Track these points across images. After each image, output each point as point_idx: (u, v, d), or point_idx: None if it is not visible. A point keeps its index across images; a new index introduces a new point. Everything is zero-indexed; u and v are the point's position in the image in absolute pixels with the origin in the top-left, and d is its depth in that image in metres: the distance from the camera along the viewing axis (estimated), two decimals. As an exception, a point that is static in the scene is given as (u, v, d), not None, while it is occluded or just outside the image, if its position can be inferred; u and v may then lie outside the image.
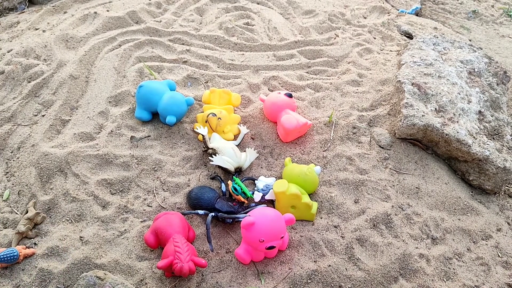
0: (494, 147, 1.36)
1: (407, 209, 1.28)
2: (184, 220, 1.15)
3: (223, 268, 1.11)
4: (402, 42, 1.91)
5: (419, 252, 1.19)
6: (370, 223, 1.22)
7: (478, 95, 1.46)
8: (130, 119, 1.45)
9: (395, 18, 2.07)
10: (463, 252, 1.23)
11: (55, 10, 2.04)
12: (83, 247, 1.13)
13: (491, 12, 2.15)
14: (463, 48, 1.61)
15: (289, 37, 1.93)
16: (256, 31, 1.97)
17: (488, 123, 1.42)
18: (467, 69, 1.53)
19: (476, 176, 1.38)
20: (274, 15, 2.09)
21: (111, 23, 1.87)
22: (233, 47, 1.86)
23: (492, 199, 1.40)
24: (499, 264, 1.23)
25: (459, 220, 1.30)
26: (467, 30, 2.00)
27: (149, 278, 1.08)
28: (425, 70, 1.51)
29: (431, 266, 1.17)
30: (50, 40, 1.74)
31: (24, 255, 1.10)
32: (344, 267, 1.13)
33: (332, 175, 1.34)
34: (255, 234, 1.05)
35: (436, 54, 1.58)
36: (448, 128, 1.34)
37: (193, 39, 1.86)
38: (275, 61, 1.80)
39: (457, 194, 1.35)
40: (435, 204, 1.32)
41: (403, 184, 1.34)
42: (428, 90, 1.43)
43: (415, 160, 1.40)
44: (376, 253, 1.17)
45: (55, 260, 1.11)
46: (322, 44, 1.91)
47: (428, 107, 1.40)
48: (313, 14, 2.12)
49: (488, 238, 1.28)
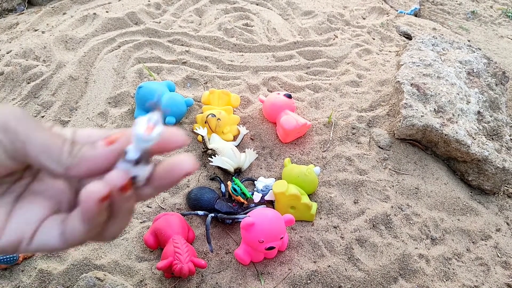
0: (493, 148, 1.36)
1: (407, 210, 1.28)
2: (183, 220, 1.15)
3: (223, 268, 1.11)
4: (401, 42, 1.91)
5: (419, 252, 1.19)
6: (369, 223, 1.22)
7: (477, 96, 1.46)
8: (130, 120, 1.45)
9: (394, 19, 2.07)
10: (463, 252, 1.23)
11: (54, 11, 2.03)
12: (83, 248, 1.12)
13: (490, 12, 2.15)
14: (462, 48, 1.61)
15: (288, 38, 1.93)
16: (255, 32, 1.96)
17: (487, 124, 1.42)
18: (466, 69, 1.53)
19: (475, 176, 1.38)
20: (273, 16, 2.09)
21: (110, 24, 1.87)
22: (232, 48, 1.86)
23: (491, 199, 1.40)
24: (498, 264, 1.23)
25: (459, 220, 1.30)
26: (466, 30, 2.00)
27: (149, 279, 1.07)
28: (424, 71, 1.51)
29: (431, 267, 1.17)
30: (50, 41, 1.73)
31: (24, 256, 1.09)
32: (344, 267, 1.12)
33: (332, 176, 1.34)
34: (254, 235, 1.04)
35: (435, 55, 1.57)
36: (447, 129, 1.34)
37: (192, 40, 1.86)
38: (274, 62, 1.80)
39: (457, 195, 1.35)
40: (435, 204, 1.32)
41: (403, 185, 1.34)
42: (427, 91, 1.43)
43: (414, 161, 1.40)
44: (376, 254, 1.17)
45: (54, 261, 1.10)
46: (321, 45, 1.91)
47: (427, 108, 1.40)
48: (312, 15, 2.12)
49: (487, 238, 1.28)
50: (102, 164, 0.35)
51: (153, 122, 0.34)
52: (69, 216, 0.36)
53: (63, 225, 0.36)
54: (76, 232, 0.35)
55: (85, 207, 0.33)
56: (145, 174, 0.36)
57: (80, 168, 0.35)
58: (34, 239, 0.36)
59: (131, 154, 0.35)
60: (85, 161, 0.35)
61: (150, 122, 0.34)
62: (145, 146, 0.34)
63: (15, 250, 0.37)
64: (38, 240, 0.36)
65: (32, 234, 0.36)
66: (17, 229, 0.36)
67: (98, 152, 0.35)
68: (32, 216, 0.37)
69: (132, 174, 0.35)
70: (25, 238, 0.36)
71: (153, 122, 0.34)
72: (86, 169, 0.35)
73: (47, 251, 0.37)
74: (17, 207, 0.38)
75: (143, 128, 0.34)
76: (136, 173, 0.36)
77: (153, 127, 0.34)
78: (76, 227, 0.35)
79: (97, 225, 0.35)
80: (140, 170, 0.36)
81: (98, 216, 0.34)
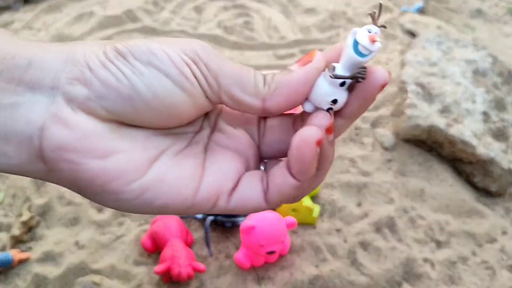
0: (499, 149, 1.35)
1: (411, 212, 1.26)
2: (182, 224, 1.13)
3: (223, 273, 1.10)
4: (405, 41, 1.89)
5: (424, 256, 1.17)
6: (373, 226, 1.21)
7: (483, 95, 1.45)
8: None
9: (397, 17, 2.06)
10: (468, 255, 1.21)
11: (51, 9, 2.02)
12: (79, 252, 1.11)
13: (495, 11, 2.14)
14: (467, 47, 1.60)
15: (289, 36, 1.92)
16: (256, 29, 1.95)
17: (493, 124, 1.40)
18: (471, 68, 1.52)
19: (481, 178, 1.37)
20: (274, 14, 2.08)
21: (107, 22, 1.86)
22: (232, 46, 1.85)
23: (497, 201, 1.38)
24: (504, 267, 1.21)
25: (464, 223, 1.29)
26: (471, 29, 1.99)
27: (146, 284, 1.06)
28: (428, 70, 1.49)
29: (436, 270, 1.15)
30: (46, 40, 1.73)
31: (19, 259, 1.08)
32: (347, 271, 1.11)
33: (334, 178, 1.32)
34: (255, 239, 1.03)
35: (440, 54, 1.56)
36: (453, 129, 1.33)
37: (191, 38, 1.85)
38: (275, 60, 1.79)
39: (462, 197, 1.34)
40: (440, 207, 1.31)
41: (407, 187, 1.32)
42: (432, 90, 1.42)
43: (419, 162, 1.39)
44: (380, 257, 1.15)
45: (50, 264, 1.09)
46: (324, 43, 1.90)
47: (432, 108, 1.38)
48: (314, 13, 2.11)
49: (493, 241, 1.26)
50: (302, 89, 0.31)
51: (375, 32, 0.30)
52: (272, 171, 0.33)
53: (263, 182, 0.33)
54: (287, 188, 0.31)
55: (301, 155, 0.29)
56: (343, 100, 0.31)
57: (279, 97, 0.31)
58: (233, 194, 0.33)
59: (339, 70, 0.30)
60: (282, 88, 0.31)
61: (371, 32, 0.30)
62: (360, 61, 0.29)
63: (211, 207, 0.33)
64: (239, 195, 0.33)
65: (232, 188, 0.33)
66: (215, 182, 0.33)
67: (295, 75, 0.31)
68: (230, 168, 0.34)
69: (332, 98, 0.31)
70: (224, 192, 0.33)
71: (374, 31, 0.30)
72: (285, 97, 0.31)
73: (247, 210, 0.33)
74: (208, 159, 0.34)
75: (366, 35, 0.29)
76: (337, 97, 0.31)
77: (375, 37, 0.29)
78: (286, 181, 0.31)
79: (310, 177, 0.31)
80: (340, 94, 0.31)
81: (313, 166, 0.30)
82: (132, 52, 0.30)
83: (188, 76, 0.30)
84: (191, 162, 0.33)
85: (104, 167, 0.29)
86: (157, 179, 0.31)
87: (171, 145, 0.33)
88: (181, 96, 0.30)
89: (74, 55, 0.30)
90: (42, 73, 0.29)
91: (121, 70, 0.29)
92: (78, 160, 0.28)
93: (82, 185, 0.30)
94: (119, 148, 0.30)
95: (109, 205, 0.31)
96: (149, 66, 0.30)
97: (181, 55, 0.31)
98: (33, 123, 0.28)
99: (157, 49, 0.31)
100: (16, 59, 0.28)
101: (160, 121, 0.31)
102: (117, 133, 0.30)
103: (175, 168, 0.32)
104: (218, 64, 0.31)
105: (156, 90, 0.29)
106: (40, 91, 0.28)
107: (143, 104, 0.29)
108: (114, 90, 0.29)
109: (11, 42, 0.30)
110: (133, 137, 0.31)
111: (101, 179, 0.29)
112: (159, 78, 0.29)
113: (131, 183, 0.30)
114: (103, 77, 0.29)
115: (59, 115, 0.28)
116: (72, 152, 0.28)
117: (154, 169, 0.31)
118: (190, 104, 0.31)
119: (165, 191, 0.31)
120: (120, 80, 0.29)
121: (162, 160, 0.32)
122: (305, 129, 0.30)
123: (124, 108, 0.29)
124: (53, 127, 0.28)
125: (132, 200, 0.30)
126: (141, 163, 0.30)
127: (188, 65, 0.30)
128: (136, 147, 0.31)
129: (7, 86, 0.28)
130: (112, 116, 0.30)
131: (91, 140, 0.29)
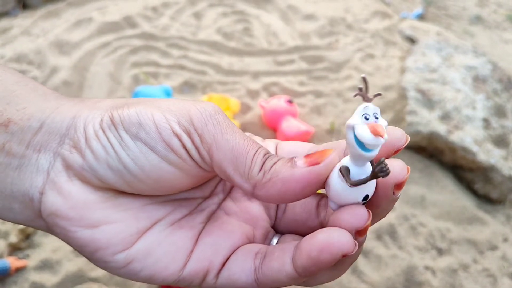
0: (500, 155, 1.34)
1: (412, 219, 1.26)
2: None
3: (222, 281, 1.08)
4: (404, 47, 1.89)
5: (425, 263, 1.16)
6: (374, 234, 1.20)
7: (483, 102, 1.44)
8: (126, 126, 1.43)
9: (397, 23, 2.06)
10: (469, 263, 1.21)
11: (49, 15, 2.02)
12: (77, 259, 1.09)
13: (494, 17, 2.14)
14: (467, 53, 1.60)
15: (289, 42, 1.92)
16: (255, 35, 1.95)
17: (494, 130, 1.40)
18: (471, 75, 1.52)
19: (482, 185, 1.36)
20: (274, 20, 2.08)
21: (106, 28, 1.86)
22: (231, 52, 1.85)
23: (498, 208, 1.38)
24: (505, 275, 1.20)
25: (465, 230, 1.29)
26: (470, 35, 1.99)
27: (144, 292, 1.04)
28: (429, 76, 1.49)
29: (437, 278, 1.14)
30: (44, 46, 1.72)
31: (16, 267, 1.07)
32: (348, 279, 1.10)
33: (334, 184, 1.31)
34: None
35: (440, 60, 1.57)
36: (453, 136, 1.33)
37: (190, 44, 1.85)
38: (274, 67, 1.79)
39: (463, 204, 1.33)
40: (441, 214, 1.30)
41: (408, 194, 1.31)
42: (432, 97, 1.42)
43: (419, 169, 1.38)
44: (380, 265, 1.14)
45: (48, 272, 1.08)
46: (323, 49, 1.89)
47: (432, 114, 1.38)
48: (314, 19, 2.11)
49: (494, 248, 1.26)
50: (298, 188, 0.27)
51: (373, 116, 0.25)
52: (273, 250, 0.31)
53: (257, 259, 0.31)
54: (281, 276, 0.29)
55: (317, 258, 0.26)
56: (371, 191, 0.28)
57: (271, 189, 0.28)
58: (222, 272, 0.31)
59: (353, 172, 0.26)
60: (277, 182, 0.27)
61: (368, 117, 0.24)
62: (371, 155, 0.25)
63: (200, 282, 0.31)
64: (228, 273, 0.31)
65: (221, 265, 0.32)
66: (205, 257, 0.31)
67: (295, 172, 0.27)
68: (224, 242, 0.32)
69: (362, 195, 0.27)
70: (213, 269, 0.31)
71: (372, 116, 0.25)
72: (277, 192, 0.28)
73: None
74: (206, 230, 0.33)
75: (365, 129, 0.24)
76: (367, 192, 0.27)
77: (376, 129, 0.24)
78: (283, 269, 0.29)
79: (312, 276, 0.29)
80: (369, 188, 0.27)
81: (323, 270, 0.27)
82: (123, 123, 0.29)
83: (176, 149, 0.29)
84: (185, 234, 0.32)
85: (93, 236, 0.30)
86: (143, 252, 0.31)
87: (168, 214, 0.33)
88: (169, 169, 0.29)
89: (78, 119, 0.30)
90: (49, 137, 0.30)
91: (111, 142, 0.29)
92: (69, 228, 0.29)
93: (74, 248, 0.31)
94: (109, 218, 0.30)
95: (101, 268, 0.32)
96: (136, 139, 0.29)
97: (173, 125, 0.29)
98: (35, 187, 0.30)
99: (147, 120, 0.29)
100: (31, 120, 0.30)
101: (154, 191, 0.31)
102: (111, 203, 0.31)
103: (166, 240, 0.31)
104: (213, 135, 0.29)
105: (142, 164, 0.29)
106: (44, 154, 0.30)
107: (132, 177, 0.29)
108: (103, 162, 0.29)
109: (33, 96, 0.31)
110: (127, 207, 0.31)
111: (90, 247, 0.30)
112: (145, 152, 0.29)
113: (116, 254, 0.30)
114: (94, 148, 0.29)
115: (56, 181, 0.29)
116: (64, 219, 0.29)
117: (142, 241, 0.31)
118: (181, 176, 0.30)
119: (151, 264, 0.31)
120: (109, 153, 0.29)
121: (154, 231, 0.32)
122: (334, 233, 0.27)
123: (115, 180, 0.29)
124: (49, 193, 0.29)
125: (118, 268, 0.31)
126: (129, 235, 0.30)
127: (178, 136, 0.29)
128: (128, 218, 0.31)
129: (18, 149, 0.29)
130: (106, 185, 0.30)
131: (82, 209, 0.29)
